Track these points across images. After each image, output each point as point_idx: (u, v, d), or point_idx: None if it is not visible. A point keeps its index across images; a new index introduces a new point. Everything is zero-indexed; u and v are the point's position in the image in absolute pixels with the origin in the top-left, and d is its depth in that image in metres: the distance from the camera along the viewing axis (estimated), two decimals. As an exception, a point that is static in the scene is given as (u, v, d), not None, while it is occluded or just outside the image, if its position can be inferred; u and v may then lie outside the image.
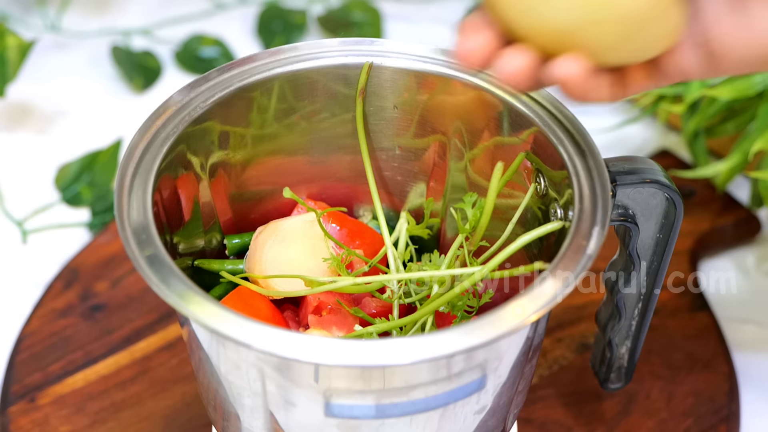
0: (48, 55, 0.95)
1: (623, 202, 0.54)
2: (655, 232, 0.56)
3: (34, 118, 0.90)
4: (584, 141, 0.54)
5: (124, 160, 0.53)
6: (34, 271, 0.77)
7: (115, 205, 0.51)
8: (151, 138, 0.54)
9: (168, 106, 0.56)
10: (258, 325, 0.46)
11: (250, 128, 0.59)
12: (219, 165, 0.59)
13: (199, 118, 0.56)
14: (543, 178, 0.55)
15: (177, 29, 0.98)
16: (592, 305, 0.72)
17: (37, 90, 0.92)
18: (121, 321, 0.73)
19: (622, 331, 0.60)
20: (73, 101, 0.92)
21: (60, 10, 0.98)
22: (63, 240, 0.80)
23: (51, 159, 0.86)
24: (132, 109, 0.91)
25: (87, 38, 0.97)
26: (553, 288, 0.47)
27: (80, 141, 0.87)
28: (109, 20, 0.99)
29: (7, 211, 0.81)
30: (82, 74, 0.94)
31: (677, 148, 0.86)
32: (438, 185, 0.62)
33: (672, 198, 0.54)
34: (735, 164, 0.75)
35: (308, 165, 0.62)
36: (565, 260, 0.48)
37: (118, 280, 0.75)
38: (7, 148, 0.87)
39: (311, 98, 0.59)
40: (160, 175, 0.53)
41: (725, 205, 0.80)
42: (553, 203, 0.54)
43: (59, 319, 0.73)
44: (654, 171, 0.54)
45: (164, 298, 0.47)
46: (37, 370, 0.70)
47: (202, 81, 0.57)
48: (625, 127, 0.87)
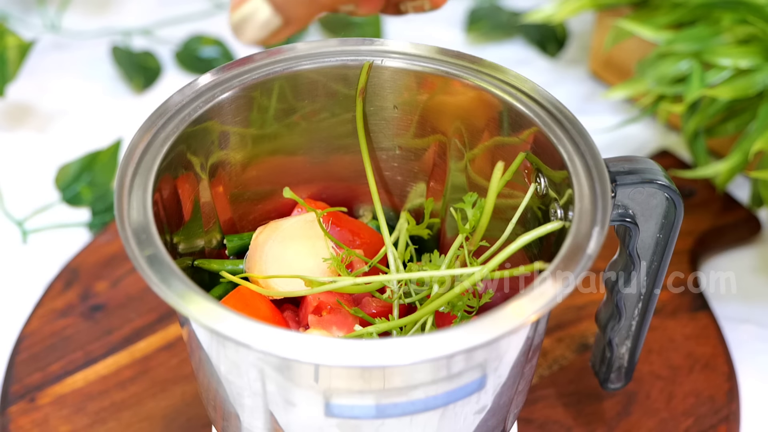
0: (48, 55, 0.95)
1: (623, 202, 0.54)
2: (655, 232, 0.56)
3: (34, 117, 0.90)
4: (584, 141, 0.54)
5: (124, 160, 0.53)
6: (34, 271, 0.77)
7: (115, 205, 0.51)
8: (151, 138, 0.54)
9: (168, 106, 0.56)
10: (258, 325, 0.46)
11: (250, 128, 0.59)
12: (219, 165, 0.59)
13: (199, 118, 0.56)
14: (543, 177, 0.55)
15: (177, 29, 0.98)
16: (592, 305, 0.73)
17: (37, 90, 0.92)
18: (121, 321, 0.73)
19: (622, 331, 0.60)
20: (73, 101, 0.92)
21: (60, 10, 0.98)
22: (63, 240, 0.80)
23: (51, 159, 0.86)
24: (132, 109, 0.91)
25: (87, 38, 0.97)
26: (553, 288, 0.47)
27: (80, 141, 0.87)
28: (109, 20, 0.99)
29: (7, 211, 0.81)
30: (82, 74, 0.94)
31: (677, 148, 0.86)
32: (438, 185, 0.62)
33: (672, 198, 0.54)
34: (735, 164, 0.75)
35: (308, 165, 0.62)
36: (565, 260, 0.48)
37: (118, 280, 0.75)
38: (7, 147, 0.87)
39: (311, 98, 0.59)
40: (160, 175, 0.53)
41: (725, 205, 0.80)
42: (553, 203, 0.54)
43: (59, 319, 0.73)
44: (654, 171, 0.54)
45: (164, 298, 0.47)
46: (37, 370, 0.70)
47: (201, 81, 0.57)
48: (625, 127, 0.87)
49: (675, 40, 0.76)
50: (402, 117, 0.60)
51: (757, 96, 0.74)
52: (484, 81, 0.57)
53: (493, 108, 0.57)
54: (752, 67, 0.73)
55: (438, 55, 0.58)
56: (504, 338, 0.46)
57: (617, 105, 0.91)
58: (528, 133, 0.56)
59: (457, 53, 0.58)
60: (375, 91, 0.60)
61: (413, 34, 0.97)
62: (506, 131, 0.57)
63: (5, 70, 0.83)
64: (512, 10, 0.99)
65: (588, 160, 0.53)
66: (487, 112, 0.58)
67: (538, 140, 0.55)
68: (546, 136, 0.54)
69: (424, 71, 0.58)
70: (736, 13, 0.73)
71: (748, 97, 0.73)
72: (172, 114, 0.55)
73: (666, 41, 0.76)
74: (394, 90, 0.59)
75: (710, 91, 0.73)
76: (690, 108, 0.77)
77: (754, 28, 0.73)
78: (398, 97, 0.60)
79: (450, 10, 0.99)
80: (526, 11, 0.97)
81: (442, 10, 0.66)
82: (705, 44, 0.75)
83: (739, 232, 0.79)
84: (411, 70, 0.58)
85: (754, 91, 0.72)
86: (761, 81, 0.73)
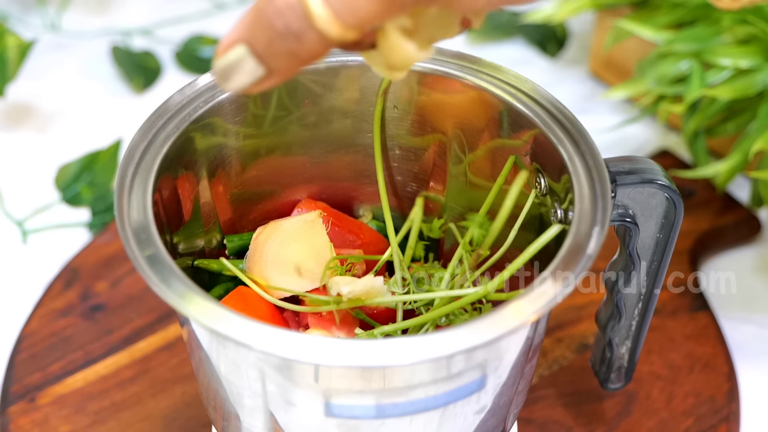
0: (48, 55, 0.95)
1: (623, 202, 0.54)
2: (655, 232, 0.56)
3: (33, 117, 0.90)
4: (584, 141, 0.54)
5: (124, 160, 0.53)
6: (34, 271, 0.77)
7: (115, 205, 0.51)
8: (151, 138, 0.54)
9: (168, 106, 0.56)
10: (258, 325, 0.46)
11: (250, 128, 0.59)
12: (219, 165, 0.59)
13: (199, 118, 0.56)
14: (543, 178, 0.55)
15: (177, 29, 0.98)
16: (592, 305, 0.73)
17: (36, 90, 0.92)
18: (121, 321, 0.73)
19: (622, 331, 0.60)
20: (73, 101, 0.92)
21: (60, 9, 0.99)
22: (63, 240, 0.80)
23: (51, 159, 0.86)
24: (132, 109, 0.91)
25: (87, 38, 0.97)
26: (553, 288, 0.47)
27: (80, 141, 0.87)
28: (108, 20, 0.99)
29: (7, 211, 0.81)
30: (81, 74, 0.94)
31: (677, 148, 0.86)
32: (438, 185, 0.62)
33: (672, 198, 0.54)
34: (735, 164, 0.75)
35: (308, 165, 0.62)
36: (565, 260, 0.48)
37: (118, 280, 0.75)
38: (7, 147, 0.87)
39: (311, 98, 0.59)
40: (160, 175, 0.53)
41: (725, 205, 0.80)
42: (553, 203, 0.54)
43: (59, 319, 0.73)
44: (654, 171, 0.54)
45: (164, 298, 0.47)
46: (37, 370, 0.70)
47: (201, 81, 0.57)
48: (625, 127, 0.87)
49: (675, 40, 0.76)
50: (402, 117, 0.60)
51: (757, 96, 0.74)
52: (484, 81, 0.57)
53: (493, 108, 0.57)
54: (752, 67, 0.73)
55: (438, 56, 0.58)
56: (504, 338, 0.46)
57: (617, 105, 0.91)
58: (528, 133, 0.56)
59: (457, 53, 0.58)
60: (375, 91, 0.60)
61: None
62: (506, 131, 0.57)
63: (5, 70, 0.83)
64: (512, 10, 0.99)
65: (588, 160, 0.53)
66: (487, 112, 0.58)
67: (538, 140, 0.55)
68: (546, 136, 0.54)
69: (424, 71, 0.58)
70: (736, 13, 0.74)
71: (748, 97, 0.74)
72: (172, 114, 0.55)
73: (666, 41, 0.76)
74: (394, 90, 0.59)
75: (710, 91, 0.73)
76: (690, 108, 0.77)
77: (754, 28, 0.73)
78: (398, 97, 0.60)
79: (450, 10, 0.99)
80: (526, 11, 0.97)
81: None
82: (705, 44, 0.75)
83: (740, 232, 0.79)
84: (411, 70, 0.58)
85: (754, 91, 0.72)
86: (761, 81, 0.73)
